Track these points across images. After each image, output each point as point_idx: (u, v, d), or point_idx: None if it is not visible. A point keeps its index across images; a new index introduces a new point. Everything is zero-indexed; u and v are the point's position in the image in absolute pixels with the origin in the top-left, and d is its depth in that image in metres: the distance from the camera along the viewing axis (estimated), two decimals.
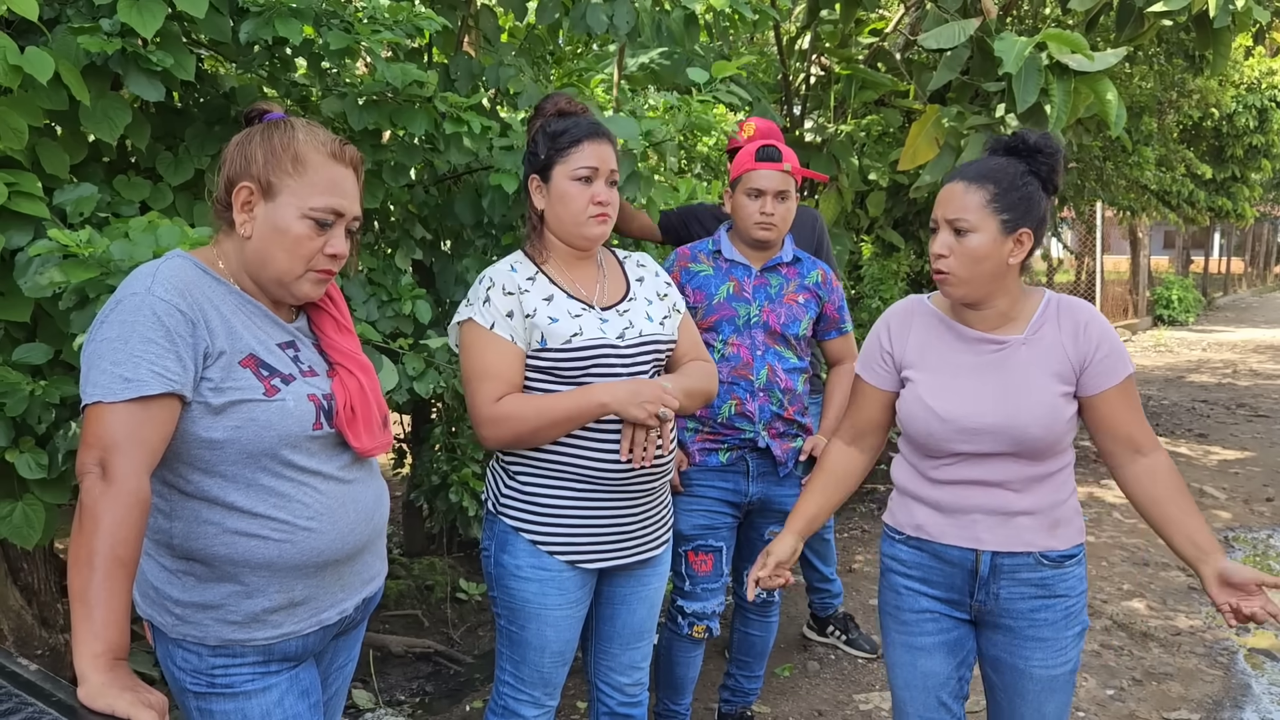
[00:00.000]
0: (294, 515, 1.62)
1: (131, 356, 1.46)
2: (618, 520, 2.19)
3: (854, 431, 2.27)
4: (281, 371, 1.62)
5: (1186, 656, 4.01)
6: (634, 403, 2.05)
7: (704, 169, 5.54)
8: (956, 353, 2.07)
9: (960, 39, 5.20)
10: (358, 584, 1.77)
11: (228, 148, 1.67)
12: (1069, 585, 2.08)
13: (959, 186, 1.98)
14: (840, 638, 3.99)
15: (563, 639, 2.20)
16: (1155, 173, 10.30)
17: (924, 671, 2.16)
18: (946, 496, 2.09)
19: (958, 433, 2.02)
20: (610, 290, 2.25)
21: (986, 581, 2.08)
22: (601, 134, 2.16)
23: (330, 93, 3.04)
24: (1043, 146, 1.99)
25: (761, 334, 2.76)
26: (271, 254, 1.63)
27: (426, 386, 3.10)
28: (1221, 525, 5.98)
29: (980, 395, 2.01)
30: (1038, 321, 2.03)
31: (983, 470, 2.04)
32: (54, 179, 2.48)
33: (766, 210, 2.70)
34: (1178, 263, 25.04)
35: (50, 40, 2.39)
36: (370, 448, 1.71)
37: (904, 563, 2.18)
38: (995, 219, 1.94)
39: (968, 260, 1.96)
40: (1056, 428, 1.99)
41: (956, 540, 2.08)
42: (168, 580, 1.63)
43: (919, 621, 2.16)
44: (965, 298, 2.02)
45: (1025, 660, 2.10)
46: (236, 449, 1.56)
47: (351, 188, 1.68)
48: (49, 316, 2.42)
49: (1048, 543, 2.05)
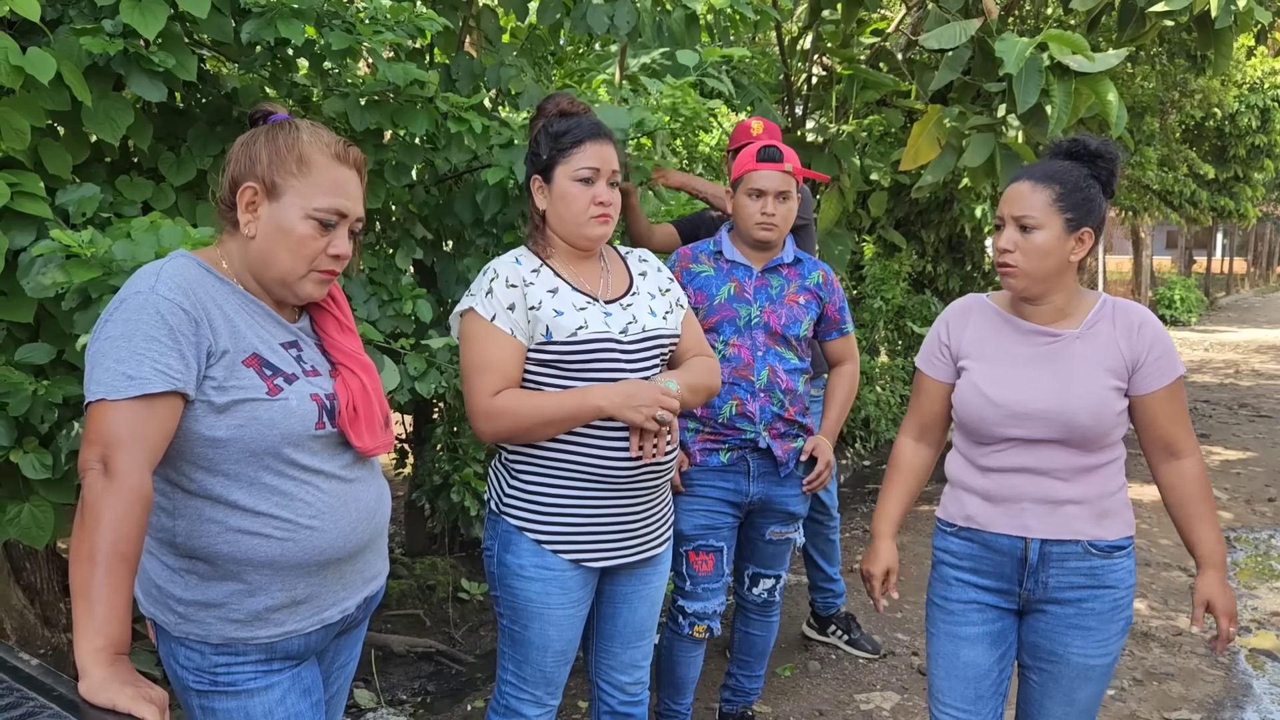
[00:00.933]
0: (296, 514, 1.62)
1: (135, 354, 1.47)
2: (621, 519, 2.19)
3: (919, 426, 2.36)
4: (285, 371, 1.63)
5: (1188, 657, 4.01)
6: (630, 406, 2.05)
7: (705, 168, 5.55)
8: (1012, 344, 2.16)
9: (961, 39, 5.20)
10: (359, 583, 1.77)
11: (232, 148, 1.68)
12: (1118, 577, 2.13)
13: (1026, 185, 2.07)
14: (842, 638, 3.99)
15: (565, 638, 2.20)
16: (1157, 173, 10.30)
17: (965, 662, 2.21)
18: (996, 485, 2.16)
19: (1009, 417, 2.10)
20: (614, 284, 2.25)
21: (1036, 569, 2.14)
22: (604, 135, 2.16)
23: (332, 93, 3.05)
24: (1103, 152, 2.09)
25: (762, 335, 2.76)
26: (275, 254, 1.63)
27: (428, 386, 3.10)
28: (1224, 525, 5.97)
29: (1032, 382, 2.10)
30: (1093, 319, 2.12)
31: (1032, 458, 2.11)
32: (56, 179, 2.49)
33: (768, 211, 2.70)
34: (1180, 263, 25.05)
35: (52, 41, 2.40)
36: (372, 447, 1.72)
37: (955, 554, 2.24)
38: (1060, 217, 2.04)
39: (1033, 255, 2.05)
40: (1105, 418, 2.06)
41: (1006, 528, 2.15)
42: (170, 579, 1.63)
43: (965, 611, 2.22)
44: (1026, 291, 2.10)
45: (1065, 647, 2.15)
46: (239, 448, 1.57)
47: (355, 189, 1.68)
48: (51, 317, 2.43)
49: (1095, 532, 2.12)
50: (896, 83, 6.36)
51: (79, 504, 1.43)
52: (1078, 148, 2.10)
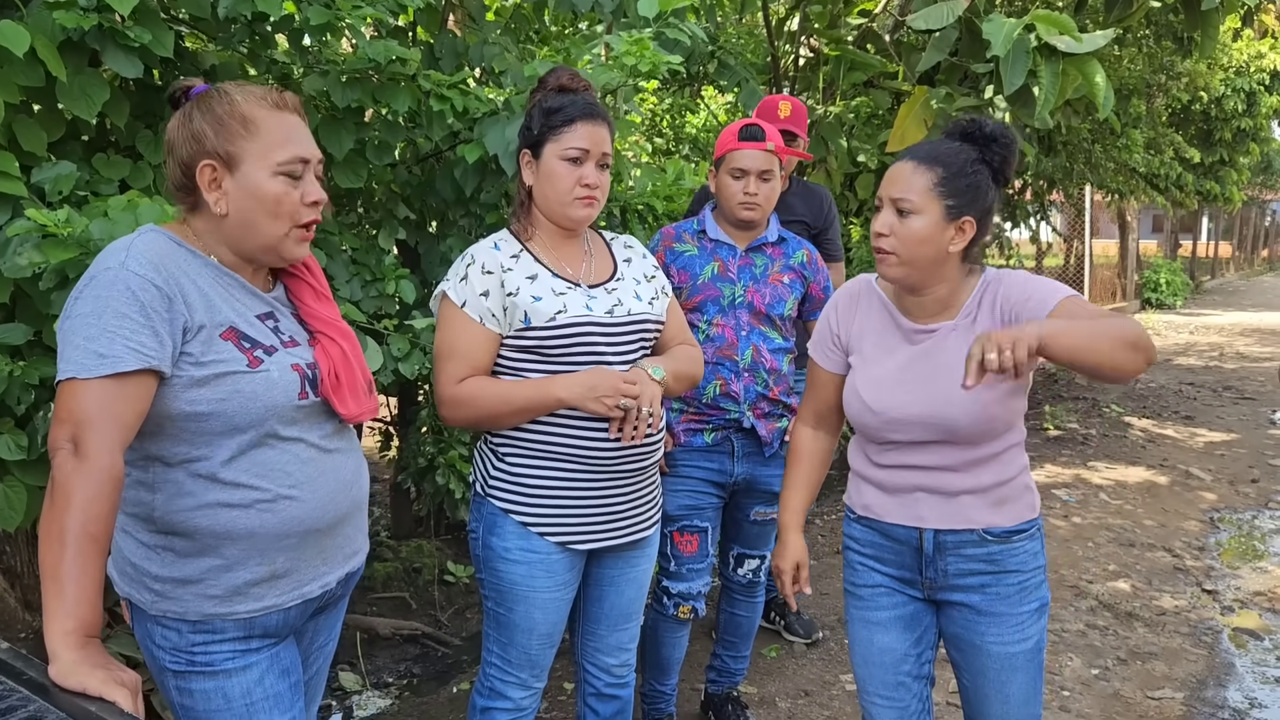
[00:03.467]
0: (275, 483, 1.61)
1: (105, 332, 1.45)
2: (607, 501, 2.18)
3: (815, 415, 2.28)
4: (263, 343, 1.61)
5: (1171, 636, 4.03)
6: (590, 397, 2.04)
7: (691, 150, 5.53)
8: (892, 341, 2.06)
9: (949, 19, 5.17)
10: (340, 557, 1.76)
11: (169, 134, 1.64)
12: (1020, 560, 2.06)
13: (908, 166, 1.94)
14: (779, 623, 3.97)
15: (550, 621, 2.19)
16: (1144, 156, 10.30)
17: (880, 647, 2.16)
18: (890, 478, 2.09)
19: (887, 423, 2.03)
20: (597, 269, 2.23)
21: (933, 558, 2.08)
22: (598, 115, 2.12)
23: (312, 70, 3.01)
24: (997, 135, 1.95)
25: (746, 314, 2.75)
26: (254, 221, 1.61)
27: (411, 367, 3.08)
28: (1207, 506, 6.01)
29: (907, 386, 2.00)
30: (969, 306, 2.00)
31: (921, 456, 2.04)
32: (32, 157, 2.45)
33: (750, 190, 2.68)
34: (1166, 247, 25.11)
35: (25, 15, 2.35)
36: (357, 413, 1.71)
37: (859, 541, 2.20)
38: (940, 203, 1.91)
39: (908, 242, 1.92)
40: (984, 417, 1.96)
41: (900, 519, 2.09)
42: (146, 556, 1.61)
43: (874, 596, 2.17)
44: (902, 279, 1.99)
45: (981, 636, 2.08)
46: (222, 421, 1.55)
47: (304, 131, 1.66)
48: (27, 297, 2.39)
49: (991, 519, 2.04)
50: (884, 64, 6.33)
51: (49, 484, 1.41)
52: (973, 129, 1.97)
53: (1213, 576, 4.77)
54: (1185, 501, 6.06)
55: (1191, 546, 5.22)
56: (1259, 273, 33.70)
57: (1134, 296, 19.43)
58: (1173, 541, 5.27)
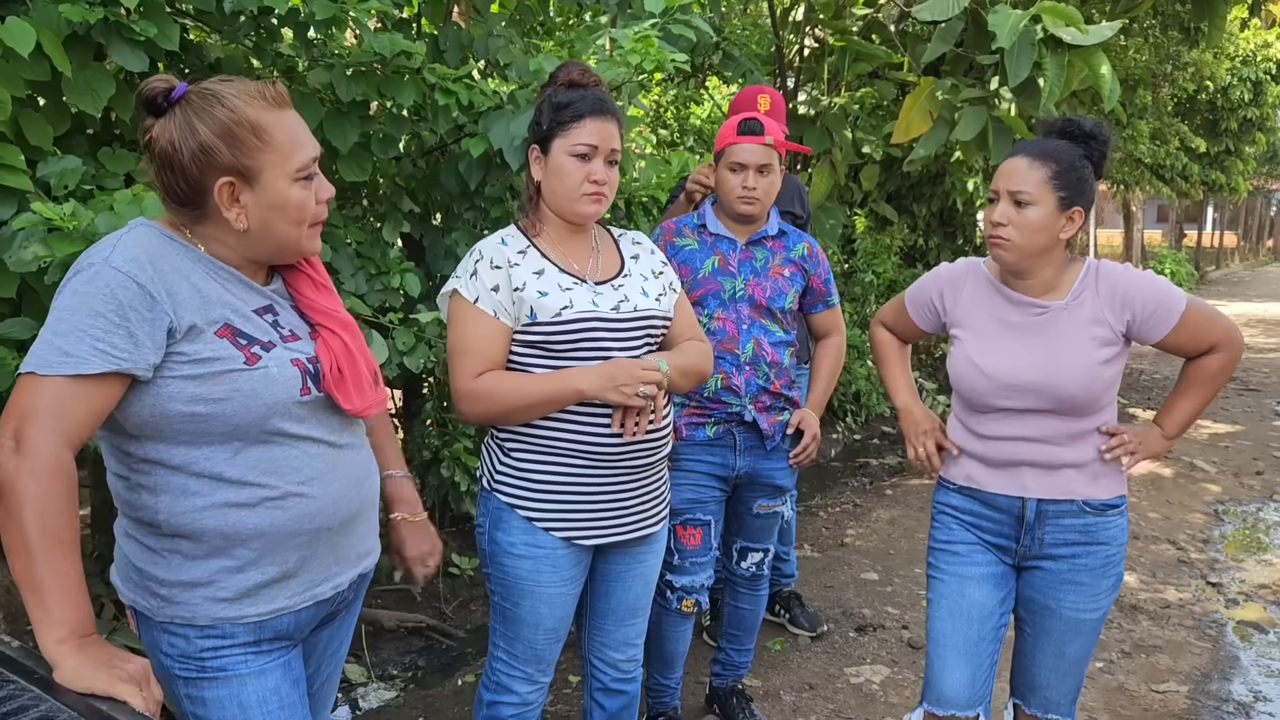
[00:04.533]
0: (285, 480, 1.56)
1: (76, 329, 1.40)
2: (614, 496, 2.18)
3: (895, 330, 2.53)
4: (260, 339, 1.55)
5: (1175, 629, 4.03)
6: (610, 387, 2.03)
7: (696, 141, 5.52)
8: (1003, 313, 2.23)
9: (954, 11, 5.14)
10: (353, 557, 1.72)
11: (160, 144, 1.50)
12: (1110, 534, 2.23)
13: (1022, 162, 2.12)
14: (784, 615, 3.96)
15: (557, 616, 2.19)
16: (1149, 146, 10.27)
17: (972, 601, 2.29)
18: (994, 451, 2.25)
19: (1001, 389, 2.18)
20: (604, 265, 2.22)
21: (1033, 527, 2.24)
22: (607, 111, 2.11)
23: (318, 63, 3.00)
24: (1097, 133, 2.14)
25: (747, 308, 2.74)
26: (275, 230, 1.56)
27: (417, 361, 3.08)
28: (1212, 498, 6.01)
29: (1022, 355, 2.17)
30: (1078, 288, 2.17)
31: (1026, 426, 2.20)
32: (38, 151, 2.45)
33: (749, 185, 2.67)
34: (1171, 236, 25.05)
35: (30, 9, 2.35)
36: (362, 407, 1.65)
37: (956, 508, 2.35)
38: (1054, 195, 2.09)
39: (1025, 230, 2.10)
40: (1094, 387, 2.14)
41: (1005, 489, 2.25)
42: (152, 560, 1.55)
43: (970, 552, 2.32)
44: (1015, 264, 2.16)
45: (1058, 601, 2.25)
46: (222, 421, 1.50)
47: (303, 124, 1.60)
48: (33, 291, 2.39)
49: (1090, 491, 2.21)
50: (889, 55, 6.31)
51: None
52: (1072, 127, 2.15)
53: (1217, 569, 4.77)
54: (1190, 494, 6.06)
55: (1196, 539, 5.22)
56: (1264, 263, 33.61)
57: None
58: (1177, 534, 5.27)
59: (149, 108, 1.52)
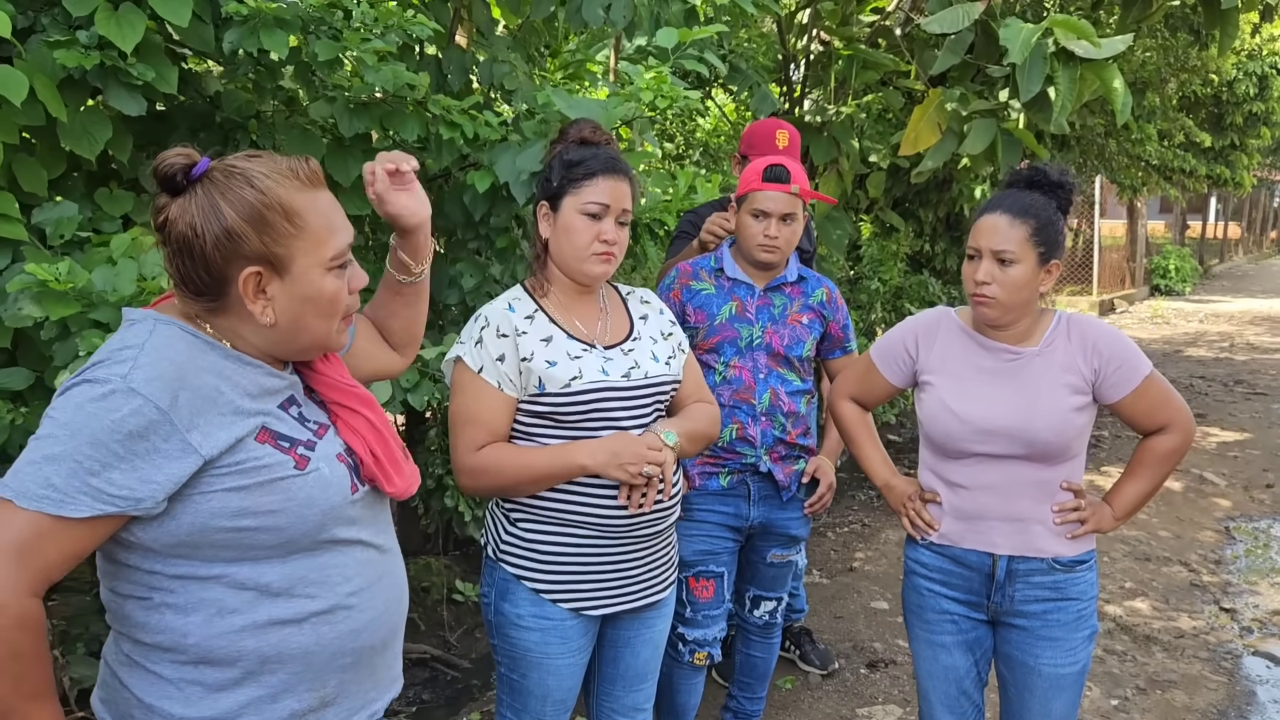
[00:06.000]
0: (333, 590, 1.41)
1: (70, 457, 1.22)
2: (621, 566, 2.12)
3: (858, 398, 2.51)
4: (299, 439, 1.40)
5: (1190, 661, 3.97)
6: (614, 464, 1.97)
7: (702, 155, 5.43)
8: (977, 359, 2.24)
9: (964, 23, 5.07)
10: (388, 680, 1.57)
11: (176, 224, 1.34)
12: (1080, 589, 2.24)
13: (1003, 220, 2.13)
14: (794, 652, 3.90)
15: (565, 687, 2.14)
16: (1157, 147, 10.18)
17: (945, 666, 2.34)
18: (964, 501, 2.25)
19: (975, 433, 2.19)
20: (613, 328, 2.16)
21: (1003, 585, 2.24)
22: (620, 170, 2.05)
23: (319, 97, 2.93)
24: (1064, 182, 2.18)
25: (764, 356, 2.68)
26: (306, 325, 1.40)
27: (421, 398, 3.02)
28: (1222, 514, 5.94)
29: (996, 399, 2.19)
30: (1050, 336, 2.21)
31: (998, 474, 2.20)
32: (32, 196, 2.38)
33: (770, 233, 2.60)
34: (1175, 229, 24.94)
35: (23, 53, 2.28)
36: (404, 488, 1.52)
37: (926, 566, 2.35)
38: (1035, 251, 2.12)
39: (1009, 288, 2.12)
40: (1066, 432, 2.15)
41: (974, 544, 2.25)
42: (165, 694, 1.36)
43: (940, 622, 2.33)
44: (998, 320, 2.18)
45: (1035, 658, 2.25)
46: (272, 534, 1.35)
47: (338, 207, 1.44)
48: (30, 340, 2.33)
49: (1060, 549, 2.22)
50: (896, 62, 6.22)
51: None
52: (1040, 178, 2.17)
53: (1230, 593, 4.71)
54: (1200, 509, 6.00)
55: (1208, 560, 5.16)
56: (1268, 255, 33.48)
57: (1142, 282, 19.31)
58: (1188, 554, 5.21)
59: (166, 185, 1.35)
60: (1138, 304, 17.80)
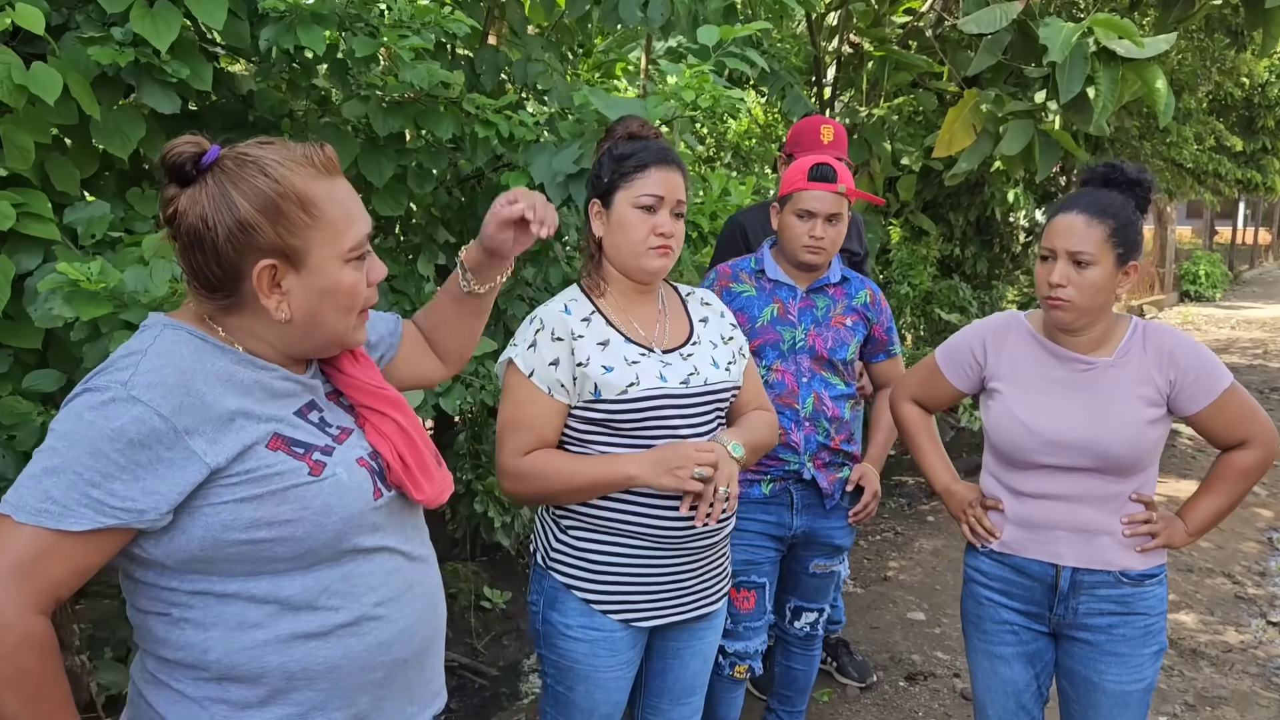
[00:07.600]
0: (360, 601, 1.35)
1: (70, 468, 1.17)
2: (675, 577, 2.05)
3: (923, 399, 2.42)
4: (316, 444, 1.34)
5: (1240, 677, 3.86)
6: (664, 470, 1.88)
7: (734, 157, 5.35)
8: (1048, 369, 2.15)
9: (1002, 23, 4.99)
10: (426, 695, 1.49)
11: (187, 216, 1.27)
12: (1148, 604, 2.15)
13: (1080, 220, 2.03)
14: (831, 664, 3.81)
15: (612, 701, 2.07)
16: (1193, 150, 10.03)
17: (1004, 678, 2.26)
18: (1030, 511, 2.17)
19: (1044, 445, 2.10)
20: (672, 331, 2.09)
21: (1066, 596, 2.16)
22: (671, 161, 1.99)
23: (353, 95, 2.89)
24: (1142, 180, 2.08)
25: (807, 360, 2.60)
26: (323, 320, 1.35)
27: (453, 403, 2.96)
28: (1264, 524, 5.81)
29: (1068, 410, 2.10)
30: (1125, 346, 2.11)
31: (1065, 485, 2.12)
32: (64, 195, 2.35)
33: (816, 234, 2.53)
34: (1204, 234, 24.65)
35: (57, 50, 2.24)
36: (434, 495, 1.45)
37: (986, 575, 2.27)
38: (1113, 253, 2.03)
39: (1087, 291, 2.03)
40: (1141, 446, 2.07)
41: (1038, 554, 2.17)
42: (188, 712, 1.31)
43: (999, 633, 2.26)
44: (1073, 324, 2.09)
45: (1100, 674, 2.16)
46: (289, 545, 1.29)
47: (356, 197, 1.38)
48: (60, 341, 2.29)
49: (1128, 562, 2.13)
50: (929, 64, 6.14)
51: None
52: (1116, 175, 2.09)
53: (1277, 606, 4.59)
54: (1241, 519, 5.86)
55: (1252, 571, 5.04)
56: None
57: (1172, 288, 19.07)
58: (1232, 566, 5.09)
59: (174, 175, 1.29)
60: (1167, 310, 17.57)
